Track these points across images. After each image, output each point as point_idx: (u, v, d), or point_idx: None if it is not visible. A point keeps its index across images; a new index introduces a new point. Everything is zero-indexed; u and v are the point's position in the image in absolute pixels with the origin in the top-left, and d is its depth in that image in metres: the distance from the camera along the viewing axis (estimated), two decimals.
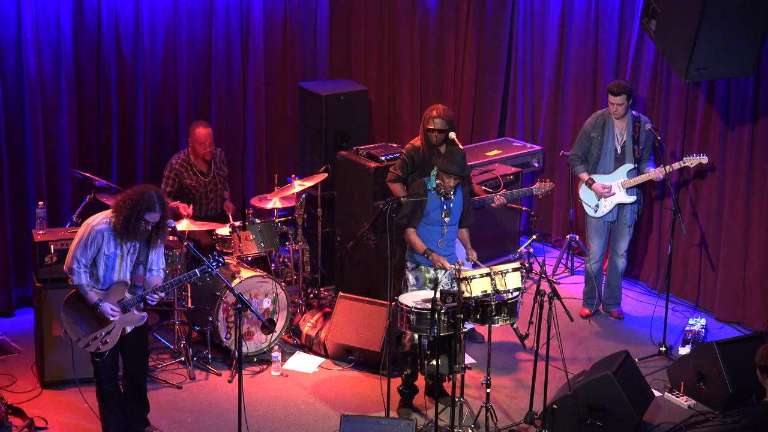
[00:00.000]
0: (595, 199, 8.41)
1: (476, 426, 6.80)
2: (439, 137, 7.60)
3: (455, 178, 6.96)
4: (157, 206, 6.23)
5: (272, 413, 7.18)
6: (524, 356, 7.75)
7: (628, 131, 8.30)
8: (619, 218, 8.45)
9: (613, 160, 8.37)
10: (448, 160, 6.96)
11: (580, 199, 8.53)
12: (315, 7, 9.71)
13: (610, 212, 8.42)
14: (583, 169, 8.45)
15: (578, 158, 8.47)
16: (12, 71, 8.23)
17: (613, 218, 8.45)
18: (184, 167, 8.34)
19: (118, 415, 6.62)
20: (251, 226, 8.05)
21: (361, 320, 7.84)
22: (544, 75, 9.96)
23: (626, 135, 8.31)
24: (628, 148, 8.32)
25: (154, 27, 8.83)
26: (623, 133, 8.31)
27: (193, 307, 7.79)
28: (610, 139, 8.33)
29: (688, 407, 7.26)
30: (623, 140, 8.32)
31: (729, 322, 8.57)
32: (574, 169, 8.53)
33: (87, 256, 6.27)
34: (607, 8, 9.29)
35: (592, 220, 8.50)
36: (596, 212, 8.43)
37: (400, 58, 10.13)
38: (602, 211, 8.42)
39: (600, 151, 8.37)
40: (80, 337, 6.38)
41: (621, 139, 8.32)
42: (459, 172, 6.93)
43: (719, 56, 7.63)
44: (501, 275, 6.57)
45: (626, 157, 8.34)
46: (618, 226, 8.49)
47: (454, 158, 6.97)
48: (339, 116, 8.99)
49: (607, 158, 8.38)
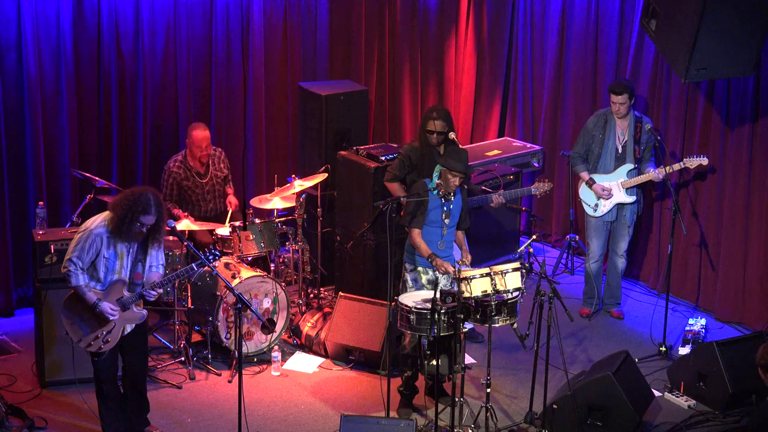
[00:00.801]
0: (595, 198, 8.41)
1: (476, 426, 6.80)
2: (438, 139, 7.60)
3: (461, 177, 6.95)
4: (152, 209, 6.21)
5: (272, 413, 7.18)
6: (524, 356, 7.75)
7: (629, 131, 8.30)
8: (619, 218, 8.46)
9: (613, 159, 8.37)
10: (454, 159, 6.91)
11: (580, 198, 8.53)
12: (315, 7, 9.70)
13: (609, 212, 8.42)
14: (584, 168, 8.44)
15: (579, 156, 8.47)
16: (12, 71, 8.23)
17: (613, 218, 8.45)
18: (181, 169, 8.33)
19: (117, 415, 6.62)
20: (251, 226, 8.05)
21: (361, 320, 7.84)
22: (544, 75, 9.97)
23: (628, 135, 8.31)
24: (629, 148, 8.32)
25: (154, 27, 8.83)
26: (624, 133, 8.32)
27: (193, 307, 7.79)
28: (611, 138, 8.33)
29: (688, 407, 7.26)
30: (624, 140, 8.32)
31: (729, 322, 8.57)
32: (575, 168, 8.53)
33: (84, 259, 6.26)
34: (607, 8, 9.30)
35: (592, 220, 8.50)
36: (595, 212, 8.44)
37: (400, 58, 10.13)
38: (601, 211, 8.42)
39: (601, 150, 8.38)
40: (81, 338, 6.38)
41: (622, 138, 8.33)
42: (465, 170, 6.91)
43: (719, 56, 7.63)
44: (501, 275, 6.57)
45: (627, 157, 8.35)
46: (618, 226, 8.49)
47: (460, 156, 6.94)
48: (339, 116, 8.99)
49: (608, 157, 8.38)
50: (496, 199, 8.20)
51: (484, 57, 10.29)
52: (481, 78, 10.36)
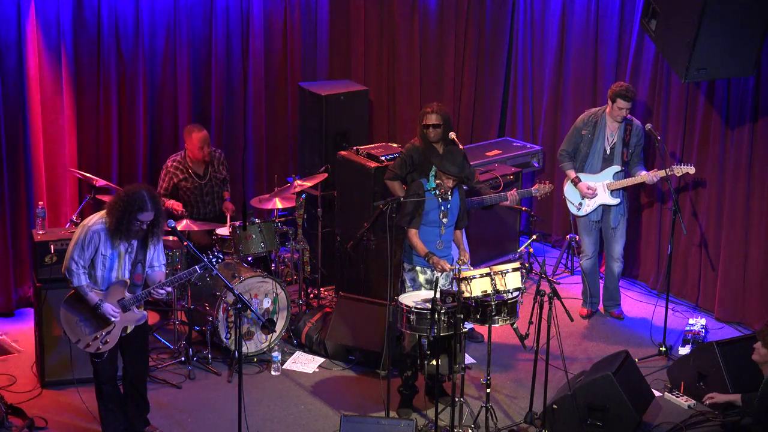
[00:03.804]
0: (579, 197, 8.41)
1: (476, 426, 6.80)
2: (435, 133, 7.59)
3: (453, 179, 6.94)
4: (148, 205, 6.20)
5: (272, 413, 7.18)
6: (524, 356, 7.75)
7: (619, 133, 8.30)
8: (604, 220, 8.45)
9: (601, 160, 8.37)
10: (447, 160, 6.92)
11: (564, 196, 8.53)
12: (315, 7, 9.70)
13: (594, 211, 8.41)
14: (570, 166, 8.44)
15: (567, 154, 8.46)
16: (12, 71, 8.23)
17: (598, 218, 8.44)
18: (179, 169, 8.32)
19: (117, 415, 6.62)
20: (251, 226, 8.05)
21: (361, 320, 7.84)
22: (544, 75, 9.96)
23: (617, 137, 8.31)
24: (617, 150, 8.32)
25: (154, 27, 8.83)
26: (614, 134, 8.31)
27: (193, 307, 7.79)
28: (600, 138, 8.33)
29: (688, 407, 7.26)
30: (613, 141, 8.32)
31: (729, 322, 8.57)
32: (562, 165, 8.52)
33: (85, 257, 6.26)
34: (607, 8, 9.30)
35: (580, 219, 8.52)
36: (579, 210, 8.45)
37: (400, 58, 10.13)
38: (585, 210, 8.42)
39: (589, 150, 8.37)
40: (80, 338, 6.37)
41: (611, 140, 8.32)
42: (457, 172, 6.89)
43: (719, 56, 7.63)
44: (501, 275, 6.57)
45: (615, 159, 8.34)
46: (605, 229, 8.48)
47: (454, 158, 6.93)
48: (339, 116, 8.99)
49: (595, 158, 8.38)
50: (510, 196, 8.15)
51: (484, 57, 10.29)
52: (481, 78, 10.35)
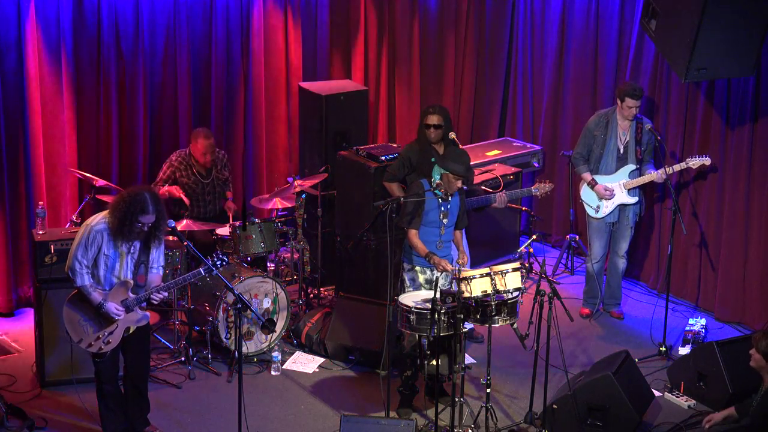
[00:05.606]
0: (597, 199, 8.40)
1: (476, 426, 6.80)
2: (436, 133, 7.59)
3: (462, 179, 6.93)
4: (150, 208, 6.20)
5: (272, 413, 7.18)
6: (524, 356, 7.75)
7: (631, 132, 8.29)
8: (621, 219, 8.45)
9: (615, 159, 8.36)
10: (454, 160, 6.90)
11: (582, 199, 8.52)
12: (315, 7, 9.70)
13: (611, 213, 8.41)
14: (586, 169, 8.43)
15: (582, 157, 8.45)
16: (12, 71, 8.23)
17: (615, 219, 8.44)
18: (183, 165, 8.34)
19: (118, 415, 6.62)
20: (251, 226, 8.05)
21: (361, 320, 7.84)
22: (544, 75, 9.97)
23: (629, 135, 8.30)
24: (630, 149, 8.31)
25: (154, 27, 8.83)
26: (626, 133, 8.31)
27: (193, 307, 7.79)
28: (612, 138, 8.32)
29: (688, 407, 7.26)
30: (626, 140, 8.31)
31: (729, 322, 8.57)
32: (577, 169, 8.51)
33: (88, 257, 6.27)
34: (607, 8, 9.30)
35: (593, 221, 8.49)
36: (597, 213, 8.43)
37: (400, 58, 10.13)
38: (603, 212, 8.41)
39: (602, 151, 8.36)
40: (82, 338, 6.38)
41: (624, 139, 8.31)
42: (465, 173, 6.90)
43: (719, 56, 7.63)
44: (501, 275, 6.57)
45: (629, 158, 8.34)
46: (619, 227, 8.48)
47: (461, 159, 6.92)
48: (339, 116, 8.99)
49: (609, 158, 8.37)
50: (499, 198, 8.16)
51: (484, 57, 10.29)
52: (481, 78, 10.35)
